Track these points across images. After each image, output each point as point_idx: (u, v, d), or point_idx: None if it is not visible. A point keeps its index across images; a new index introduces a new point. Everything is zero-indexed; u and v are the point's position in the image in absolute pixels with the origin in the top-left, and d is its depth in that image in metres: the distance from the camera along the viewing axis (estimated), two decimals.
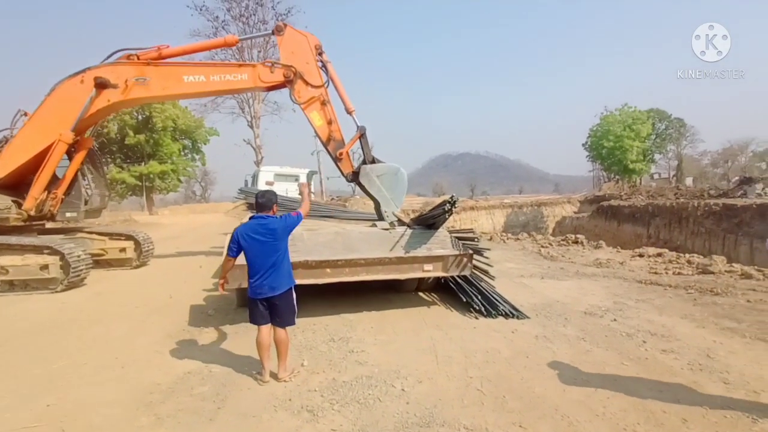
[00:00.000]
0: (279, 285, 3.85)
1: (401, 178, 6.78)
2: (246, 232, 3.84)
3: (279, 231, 3.86)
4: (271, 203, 3.98)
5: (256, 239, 3.81)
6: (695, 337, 4.74)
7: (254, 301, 3.90)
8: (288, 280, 3.96)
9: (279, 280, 3.85)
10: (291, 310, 3.98)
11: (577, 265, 9.49)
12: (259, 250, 3.81)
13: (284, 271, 3.92)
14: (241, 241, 3.83)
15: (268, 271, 3.81)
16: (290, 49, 7.54)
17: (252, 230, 3.84)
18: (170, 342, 5.09)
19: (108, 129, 37.00)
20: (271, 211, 3.98)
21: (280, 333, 3.92)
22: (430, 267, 5.90)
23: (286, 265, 3.97)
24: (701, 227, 22.54)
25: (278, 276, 3.85)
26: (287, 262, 4.00)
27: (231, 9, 33.41)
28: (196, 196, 77.95)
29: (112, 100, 8.14)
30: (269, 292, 3.82)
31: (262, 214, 3.93)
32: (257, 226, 3.85)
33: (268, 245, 3.82)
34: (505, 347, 4.58)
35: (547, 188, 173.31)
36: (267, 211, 3.96)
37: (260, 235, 3.81)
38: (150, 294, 7.78)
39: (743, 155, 72.42)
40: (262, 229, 3.83)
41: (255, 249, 3.81)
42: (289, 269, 4.00)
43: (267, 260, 3.81)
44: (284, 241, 3.94)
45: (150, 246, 11.21)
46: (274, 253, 3.84)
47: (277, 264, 3.85)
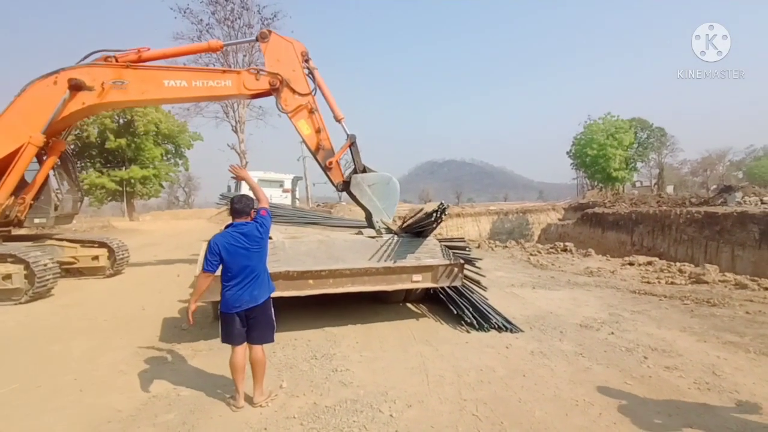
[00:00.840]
0: (261, 293, 3.55)
1: (393, 188, 6.54)
2: (228, 243, 3.47)
3: (260, 236, 3.57)
4: (248, 208, 3.65)
5: (239, 249, 3.47)
6: (698, 352, 4.51)
7: (231, 316, 3.49)
8: (269, 288, 3.67)
9: (261, 288, 3.56)
10: (270, 324, 3.63)
11: (568, 274, 9.29)
12: (243, 259, 3.49)
13: (265, 278, 3.65)
14: (223, 253, 3.45)
15: (250, 280, 3.51)
16: (275, 56, 7.30)
17: (234, 240, 3.49)
18: (137, 360, 4.66)
19: (88, 133, 36.11)
20: (249, 216, 3.65)
21: (257, 352, 3.55)
22: (419, 277, 5.60)
23: (266, 273, 3.69)
24: (684, 234, 22.78)
25: (260, 284, 3.56)
26: (266, 268, 3.71)
27: (216, 12, 32.82)
28: (180, 202, 76.51)
29: (86, 103, 7.73)
30: (251, 302, 3.48)
31: (240, 221, 3.59)
32: (238, 235, 3.51)
33: (252, 253, 3.52)
34: (499, 365, 4.28)
35: (532, 196, 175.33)
36: (245, 217, 3.63)
37: (242, 244, 3.49)
38: (121, 305, 7.30)
39: (721, 164, 74.31)
40: (245, 238, 3.51)
41: (239, 260, 3.47)
42: (267, 276, 3.71)
43: (250, 269, 3.51)
44: (264, 247, 3.65)
45: (125, 254, 10.68)
46: (258, 261, 3.57)
47: (259, 272, 3.57)
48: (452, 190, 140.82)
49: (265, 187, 18.26)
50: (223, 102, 34.05)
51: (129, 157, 38.80)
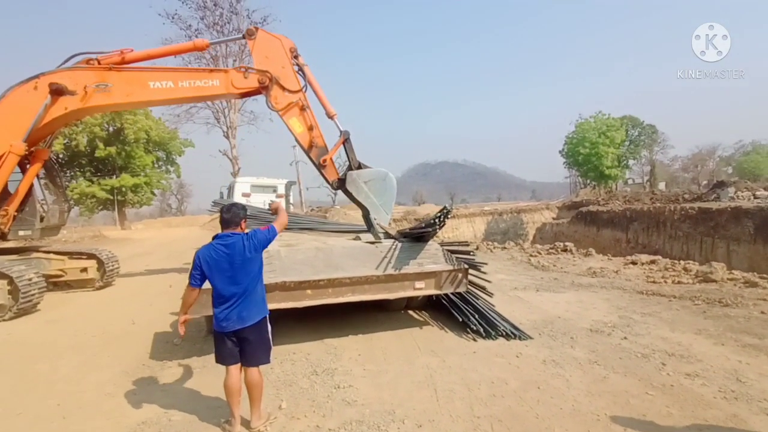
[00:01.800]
0: (250, 315, 3.22)
1: (390, 184, 6.33)
2: (209, 255, 3.21)
3: (248, 250, 3.22)
4: (238, 218, 3.38)
5: (221, 263, 3.18)
6: (717, 356, 4.32)
7: (221, 335, 3.25)
8: (261, 309, 3.33)
9: (250, 309, 3.23)
10: (265, 345, 3.34)
11: (571, 275, 9.10)
12: (226, 275, 3.19)
13: (257, 298, 3.31)
14: (203, 266, 3.20)
15: (237, 299, 3.20)
16: (264, 53, 7.07)
17: (215, 253, 3.20)
18: (126, 381, 4.38)
19: (77, 141, 35.60)
20: (238, 227, 3.37)
21: (253, 374, 3.28)
22: (422, 284, 5.36)
23: (260, 291, 3.36)
24: (679, 231, 22.83)
25: (249, 304, 3.23)
26: (261, 287, 3.39)
27: (204, 17, 32.55)
28: (172, 209, 75.84)
29: (69, 108, 7.43)
30: (237, 323, 3.19)
31: (227, 232, 3.30)
32: (222, 247, 3.22)
33: (236, 268, 3.19)
34: (511, 376, 4.05)
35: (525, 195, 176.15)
36: (234, 227, 3.34)
37: (226, 258, 3.18)
38: (110, 320, 7.00)
39: (711, 160, 74.96)
40: (228, 250, 3.20)
41: (221, 275, 3.19)
42: (262, 295, 3.39)
43: (235, 287, 3.19)
44: (256, 263, 3.31)
45: (114, 265, 10.34)
46: (245, 278, 3.22)
47: (248, 290, 3.24)
48: (446, 192, 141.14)
49: (258, 192, 18.08)
50: (214, 107, 33.77)
51: (119, 165, 38.32)
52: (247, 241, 3.25)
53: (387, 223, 6.30)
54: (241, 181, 19.02)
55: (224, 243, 3.23)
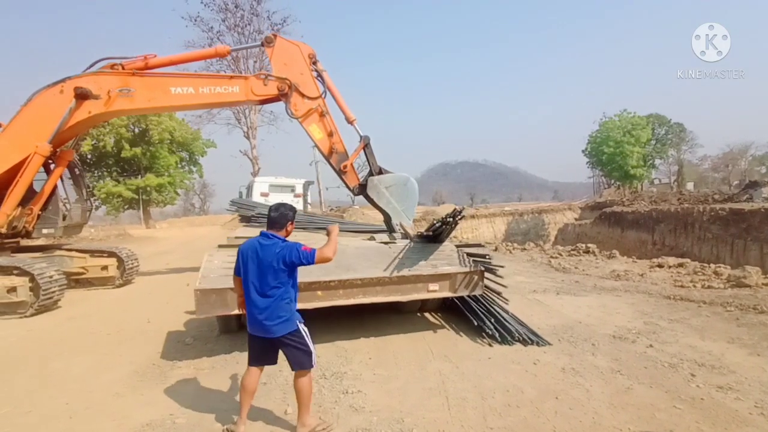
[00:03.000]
0: (274, 328, 3.04)
1: (412, 188, 6.25)
2: (246, 249, 3.18)
3: (277, 261, 3.02)
4: (284, 220, 3.19)
5: (252, 262, 3.10)
6: (752, 367, 4.03)
7: (250, 337, 3.21)
8: (284, 325, 3.07)
9: (269, 322, 3.04)
10: (302, 351, 3.14)
11: (593, 278, 8.78)
12: (254, 276, 3.09)
13: (280, 311, 3.06)
14: (240, 257, 3.20)
15: (261, 303, 3.06)
16: (282, 60, 7.11)
17: (251, 248, 3.14)
18: (135, 380, 4.36)
19: (104, 142, 36.56)
20: (283, 230, 3.20)
21: (295, 378, 3.16)
22: (436, 286, 5.20)
23: (282, 306, 3.08)
24: (708, 233, 22.02)
25: (270, 315, 3.04)
26: (284, 302, 3.09)
27: (226, 19, 32.97)
28: (195, 209, 77.36)
29: (93, 112, 7.59)
30: (261, 332, 3.09)
31: (270, 232, 3.18)
32: (257, 245, 3.12)
33: (263, 274, 3.06)
34: (528, 384, 3.86)
35: (547, 195, 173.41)
36: (278, 229, 3.19)
37: (256, 259, 3.08)
38: (127, 318, 7.05)
39: (743, 159, 72.17)
40: (261, 252, 3.08)
41: (249, 272, 3.11)
42: (288, 310, 3.11)
43: (260, 290, 3.07)
44: (284, 277, 3.07)
45: (134, 263, 10.49)
46: (267, 288, 3.05)
47: (270, 300, 3.05)
48: (466, 192, 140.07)
49: (276, 192, 18.18)
50: (235, 108, 34.19)
51: (144, 165, 39.23)
52: (281, 251, 3.04)
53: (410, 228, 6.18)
54: (260, 181, 19.17)
55: (261, 242, 3.13)
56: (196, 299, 4.42)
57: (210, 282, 4.54)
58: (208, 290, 4.43)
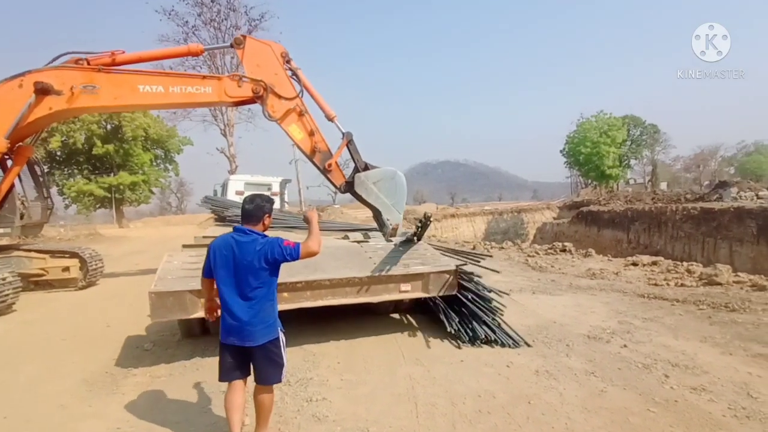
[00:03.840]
0: (252, 335, 2.73)
1: (400, 182, 6.11)
2: (219, 247, 2.81)
3: (257, 259, 2.72)
4: (261, 212, 2.89)
5: (227, 260, 2.76)
6: (725, 367, 3.97)
7: (222, 347, 2.83)
8: (269, 329, 2.81)
9: (252, 328, 2.73)
10: (275, 364, 2.88)
11: (569, 277, 8.75)
12: (229, 277, 2.76)
13: (264, 315, 2.78)
14: (211, 256, 2.82)
15: (238, 309, 2.73)
16: (254, 61, 6.85)
17: (225, 246, 2.79)
18: (84, 390, 4.05)
19: (74, 139, 35.33)
20: (260, 224, 2.89)
21: (261, 391, 2.87)
22: (408, 287, 5.03)
23: (268, 310, 2.82)
24: (680, 231, 22.55)
25: (252, 319, 2.74)
26: (269, 306, 2.84)
27: (202, 14, 32.21)
28: (172, 208, 75.63)
29: (54, 108, 7.13)
30: (238, 340, 2.74)
31: (246, 227, 2.84)
32: (233, 242, 2.78)
33: (239, 274, 2.74)
34: (500, 389, 3.71)
35: (526, 195, 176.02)
36: (254, 223, 2.86)
37: (232, 257, 2.75)
38: (86, 322, 6.68)
39: (713, 160, 74.54)
40: (237, 249, 2.75)
41: (224, 274, 2.77)
42: (271, 313, 2.85)
43: (237, 293, 2.75)
44: (265, 277, 2.78)
45: (98, 264, 10.03)
46: (247, 288, 2.75)
47: (253, 303, 2.75)
48: (447, 191, 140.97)
49: (252, 190, 17.74)
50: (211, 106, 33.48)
51: (117, 163, 38.08)
52: (261, 248, 2.74)
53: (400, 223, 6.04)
54: (235, 179, 18.74)
55: (237, 239, 2.79)
56: (150, 302, 4.15)
57: (167, 284, 4.28)
58: (165, 293, 4.17)
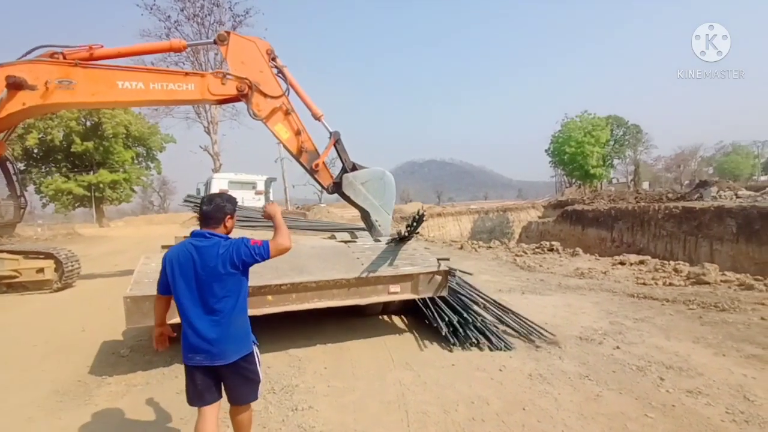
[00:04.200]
0: (222, 352, 2.38)
1: (389, 182, 5.98)
2: (176, 256, 2.44)
3: (223, 264, 2.38)
4: (221, 213, 2.52)
5: (187, 270, 2.39)
6: (719, 369, 3.92)
7: (188, 369, 2.45)
8: (240, 345, 2.46)
9: (222, 344, 2.38)
10: (251, 380, 2.53)
11: (558, 276, 8.71)
12: (191, 288, 2.39)
13: (234, 331, 2.43)
14: (167, 269, 2.45)
15: (203, 324, 2.37)
16: (239, 58, 6.62)
17: (183, 255, 2.42)
18: (54, 401, 3.81)
19: (52, 136, 34.35)
20: (221, 226, 2.53)
21: (239, 411, 2.57)
22: (397, 288, 4.88)
23: (239, 322, 2.47)
24: (663, 230, 22.87)
25: (222, 334, 2.38)
26: (241, 317, 2.49)
27: (185, 9, 31.58)
28: (155, 207, 74.24)
29: (28, 104, 6.76)
30: (206, 360, 2.38)
31: (206, 230, 2.49)
32: (191, 249, 2.42)
33: (202, 283, 2.38)
34: (493, 394, 3.59)
35: (511, 194, 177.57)
36: (214, 225, 2.52)
37: (192, 265, 2.39)
38: (59, 326, 6.38)
39: (693, 160, 76.14)
40: (198, 256, 2.40)
41: (185, 285, 2.40)
42: (244, 328, 2.51)
43: (201, 306, 2.39)
44: (233, 283, 2.43)
45: (74, 265, 9.66)
46: (212, 299, 2.38)
47: (221, 315, 2.39)
48: (433, 190, 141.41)
49: (237, 189, 17.41)
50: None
51: (97, 160, 37.16)
52: (225, 251, 2.40)
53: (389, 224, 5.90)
54: (219, 177, 18.35)
55: (196, 244, 2.43)
56: (125, 307, 3.93)
57: (143, 288, 4.06)
58: (140, 297, 3.95)
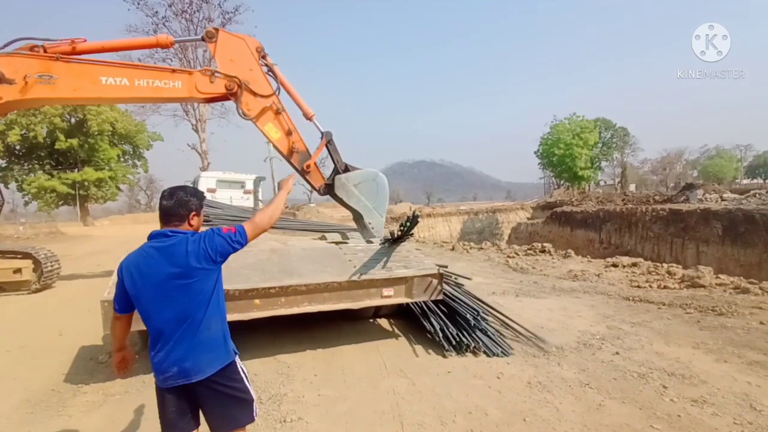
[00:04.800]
0: (197, 365, 2.00)
1: (382, 184, 5.83)
2: (135, 265, 2.04)
3: (193, 259, 2.00)
4: (184, 209, 2.13)
5: (150, 277, 2.00)
6: (722, 376, 3.81)
7: (160, 391, 2.07)
8: (220, 354, 2.07)
9: (197, 356, 2.01)
10: (239, 399, 2.10)
11: (552, 279, 8.62)
12: (158, 296, 2.00)
13: (210, 338, 2.05)
14: (126, 281, 2.04)
15: (175, 336, 1.99)
16: (228, 56, 6.41)
17: (142, 262, 2.03)
18: (24, 412, 3.56)
19: (35, 132, 33.55)
20: (185, 222, 2.14)
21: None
22: (391, 291, 4.70)
23: (215, 327, 2.07)
24: (650, 232, 23.09)
25: (196, 347, 2.01)
26: (218, 320, 2.10)
27: (173, 4, 31.04)
28: (141, 205, 73.09)
29: (5, 99, 6.40)
30: (179, 377, 1.99)
31: (167, 229, 2.11)
32: (153, 252, 2.03)
33: (171, 287, 1.99)
34: (491, 404, 3.43)
35: (500, 195, 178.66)
36: (177, 222, 2.13)
37: (152, 272, 2.00)
38: (36, 329, 6.10)
39: (678, 163, 77.30)
40: (162, 257, 2.01)
41: (150, 295, 2.01)
42: (222, 333, 2.11)
43: (172, 317, 1.99)
44: (206, 280, 2.05)
45: (54, 265, 9.33)
46: (184, 302, 2.00)
47: (192, 325, 2.01)
48: (422, 191, 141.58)
49: (225, 188, 17.08)
50: None
51: (82, 158, 36.39)
52: (194, 245, 2.02)
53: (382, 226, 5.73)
54: (207, 176, 17.97)
55: (158, 246, 2.04)
56: (103, 312, 3.68)
57: None
58: None
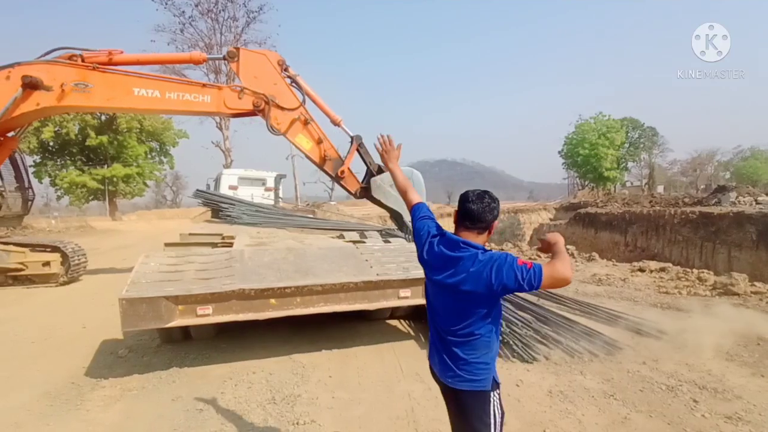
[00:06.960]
0: (454, 375, 1.87)
1: (417, 180, 5.85)
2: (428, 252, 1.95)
3: (472, 283, 1.76)
4: (486, 219, 1.88)
5: (437, 276, 1.88)
6: (758, 392, 3.59)
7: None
8: (475, 378, 1.85)
9: (454, 367, 1.86)
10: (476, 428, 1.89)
11: (575, 282, 8.35)
12: (434, 293, 1.95)
13: (471, 359, 1.84)
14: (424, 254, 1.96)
15: (446, 340, 1.89)
16: (251, 73, 6.59)
17: (436, 254, 1.90)
18: (44, 405, 3.62)
19: (68, 129, 34.71)
20: (485, 232, 1.91)
21: None
22: (408, 292, 4.62)
23: (480, 352, 1.85)
24: (678, 235, 22.30)
25: (455, 359, 1.86)
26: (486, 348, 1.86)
27: (199, 4, 31.66)
28: (167, 201, 74.85)
29: (42, 105, 6.66)
30: (443, 375, 1.92)
31: (463, 237, 1.88)
32: (445, 251, 1.87)
33: (446, 298, 1.87)
34: (511, 414, 3.30)
35: (522, 195, 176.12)
36: (478, 228, 1.89)
37: (441, 271, 1.87)
38: (61, 322, 6.24)
39: (710, 164, 74.57)
40: (451, 266, 1.83)
41: (435, 291, 1.95)
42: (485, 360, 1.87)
43: (448, 320, 1.88)
44: (483, 306, 1.81)
45: (81, 259, 9.56)
46: (452, 317, 1.86)
47: (456, 339, 1.85)
48: (444, 190, 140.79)
49: (246, 185, 17.27)
50: None
51: (111, 154, 37.43)
52: (481, 267, 1.75)
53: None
54: (229, 173, 18.25)
55: (451, 248, 1.86)
56: (121, 310, 3.71)
57: (140, 289, 3.85)
58: (137, 299, 3.73)
